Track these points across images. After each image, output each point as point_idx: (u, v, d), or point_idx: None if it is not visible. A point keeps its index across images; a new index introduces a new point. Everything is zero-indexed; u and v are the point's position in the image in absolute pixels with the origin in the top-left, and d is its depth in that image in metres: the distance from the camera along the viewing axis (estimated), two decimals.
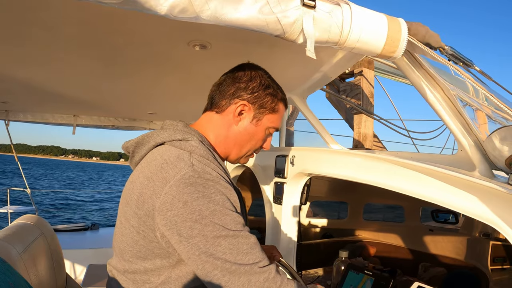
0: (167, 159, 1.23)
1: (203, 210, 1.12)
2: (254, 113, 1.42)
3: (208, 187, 1.16)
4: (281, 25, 1.08)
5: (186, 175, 1.16)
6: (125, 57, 1.91)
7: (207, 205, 1.13)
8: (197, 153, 1.26)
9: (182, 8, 0.98)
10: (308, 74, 2.13)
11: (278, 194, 2.35)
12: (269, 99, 1.43)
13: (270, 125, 1.46)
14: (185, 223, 1.13)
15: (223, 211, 1.15)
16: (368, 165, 1.73)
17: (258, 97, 1.41)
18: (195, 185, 1.15)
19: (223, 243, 1.13)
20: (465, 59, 1.43)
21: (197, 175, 1.16)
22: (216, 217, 1.13)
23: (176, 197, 1.14)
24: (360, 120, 4.06)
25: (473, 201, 1.27)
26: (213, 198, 1.15)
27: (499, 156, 1.35)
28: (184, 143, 1.28)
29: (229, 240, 1.13)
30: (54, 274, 1.94)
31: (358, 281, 1.97)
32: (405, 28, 1.27)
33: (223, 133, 1.42)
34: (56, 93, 2.80)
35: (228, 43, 1.68)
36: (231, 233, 1.14)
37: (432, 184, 1.41)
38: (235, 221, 1.16)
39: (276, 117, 1.47)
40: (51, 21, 1.46)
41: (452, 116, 1.49)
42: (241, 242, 1.15)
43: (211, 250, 1.12)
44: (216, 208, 1.14)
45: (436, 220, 4.08)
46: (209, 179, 1.17)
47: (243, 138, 1.44)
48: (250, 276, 1.13)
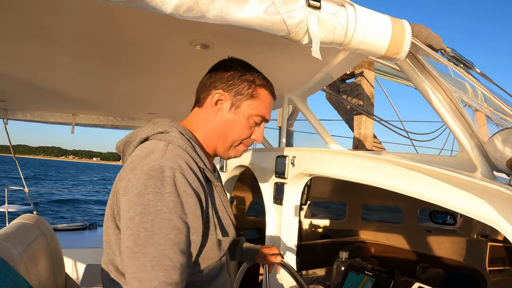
0: (144, 149, 1.23)
1: (150, 206, 1.09)
2: (231, 101, 1.40)
3: (166, 184, 1.11)
4: (286, 25, 1.08)
5: (152, 167, 1.14)
6: (125, 56, 1.91)
7: (156, 202, 1.09)
8: (175, 143, 1.24)
9: (188, 7, 0.97)
10: (310, 75, 2.13)
11: (278, 195, 2.35)
12: (246, 85, 1.41)
13: (251, 112, 1.41)
14: (129, 212, 1.10)
15: (167, 215, 1.09)
16: (368, 165, 1.73)
17: (233, 84, 1.40)
18: (155, 179, 1.11)
19: (149, 248, 1.07)
20: (466, 61, 1.43)
21: (161, 169, 1.13)
22: (158, 218, 1.08)
23: (134, 185, 1.12)
24: (360, 121, 4.07)
25: (475, 202, 1.27)
26: (165, 198, 1.10)
27: (500, 157, 1.36)
28: (164, 135, 1.27)
29: (157, 248, 1.07)
30: (54, 274, 1.93)
31: (359, 281, 1.97)
32: (409, 29, 1.27)
33: (207, 127, 1.42)
34: (55, 91, 2.80)
35: (230, 43, 1.68)
36: (162, 241, 1.08)
37: (434, 185, 1.41)
38: (176, 231, 1.10)
39: (257, 103, 1.42)
40: (50, 20, 1.46)
41: (454, 117, 1.49)
42: (168, 255, 1.08)
43: (136, 249, 1.07)
44: (162, 209, 1.09)
45: (434, 221, 4.09)
46: (170, 177, 1.13)
47: (224, 128, 1.41)
48: None
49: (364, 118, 4.02)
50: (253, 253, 1.86)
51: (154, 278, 1.05)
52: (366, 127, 4.02)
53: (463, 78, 1.34)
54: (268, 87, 1.47)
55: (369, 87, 4.04)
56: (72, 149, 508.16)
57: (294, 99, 2.48)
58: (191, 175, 1.19)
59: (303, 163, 2.17)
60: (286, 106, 2.57)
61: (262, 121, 1.46)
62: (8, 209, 8.27)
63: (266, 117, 1.46)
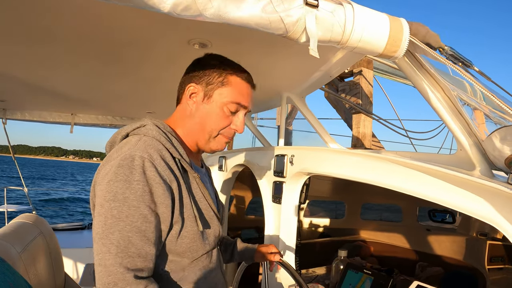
0: (121, 144, 1.27)
1: (118, 194, 1.11)
2: (203, 92, 1.41)
3: (135, 173, 1.14)
4: (284, 24, 1.08)
5: (123, 157, 1.16)
6: (124, 55, 1.91)
7: (124, 190, 1.12)
8: (149, 135, 1.27)
9: (186, 6, 0.98)
10: (308, 73, 2.13)
11: (277, 194, 2.35)
12: (216, 74, 1.40)
13: (224, 101, 1.39)
14: (100, 199, 1.14)
15: (134, 202, 1.12)
16: (367, 164, 1.73)
17: (203, 75, 1.41)
18: (124, 167, 1.14)
19: (115, 234, 1.09)
20: (464, 59, 1.43)
21: (131, 158, 1.16)
22: (125, 205, 1.11)
23: (107, 175, 1.15)
24: (359, 120, 4.07)
25: (473, 200, 1.27)
26: (133, 186, 1.13)
27: (499, 155, 1.36)
28: (141, 129, 1.31)
29: (123, 234, 1.10)
30: (53, 273, 1.93)
31: (357, 280, 1.97)
32: (407, 28, 1.27)
33: (186, 122, 1.44)
34: (54, 91, 2.79)
35: (228, 42, 1.68)
36: (128, 228, 1.10)
37: (433, 183, 1.42)
38: (142, 218, 1.13)
39: (229, 91, 1.40)
40: (48, 20, 1.46)
41: (453, 116, 1.49)
42: (133, 243, 1.11)
43: (103, 235, 1.10)
44: (130, 196, 1.12)
45: (433, 219, 4.10)
46: (139, 165, 1.15)
47: (201, 119, 1.41)
48: (118, 281, 1.08)
49: (362, 116, 4.03)
50: (251, 252, 1.86)
51: (119, 264, 1.08)
52: (364, 126, 4.03)
53: (461, 77, 1.34)
54: (241, 73, 1.45)
55: (367, 85, 4.05)
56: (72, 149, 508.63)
57: (292, 97, 2.48)
58: (161, 164, 1.20)
59: (301, 162, 2.17)
60: (285, 105, 2.57)
61: (238, 109, 1.43)
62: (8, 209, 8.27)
63: (243, 104, 1.42)
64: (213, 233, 1.39)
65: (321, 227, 4.83)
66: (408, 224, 4.17)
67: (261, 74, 2.20)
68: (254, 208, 4.92)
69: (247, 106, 1.44)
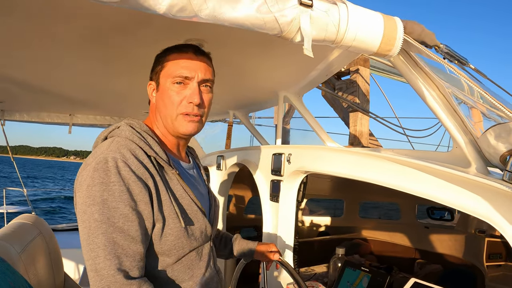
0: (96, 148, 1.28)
1: (97, 197, 1.12)
2: (155, 83, 1.45)
3: (110, 174, 1.15)
4: (278, 24, 1.09)
5: (97, 160, 1.18)
6: (121, 56, 1.91)
7: (102, 192, 1.13)
8: (122, 136, 1.28)
9: (181, 7, 0.98)
10: (304, 73, 2.14)
11: (274, 192, 2.36)
12: (158, 62, 1.45)
13: (168, 79, 1.39)
14: (81, 206, 1.15)
15: (114, 204, 1.13)
16: (364, 162, 1.74)
17: (153, 70, 1.47)
18: (100, 170, 1.15)
19: (100, 237, 1.10)
20: (460, 57, 1.44)
21: (105, 160, 1.17)
22: (106, 207, 1.12)
23: (84, 180, 1.17)
24: (356, 118, 4.08)
25: (468, 198, 1.28)
26: (111, 187, 1.14)
27: (493, 153, 1.36)
28: (115, 130, 1.32)
29: (107, 236, 1.11)
30: (53, 273, 1.94)
31: (355, 277, 1.98)
32: (401, 26, 1.28)
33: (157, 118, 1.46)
34: (52, 92, 2.80)
35: (224, 41, 1.69)
36: (111, 230, 1.11)
37: (428, 181, 1.43)
38: (124, 218, 1.14)
39: (167, 68, 1.40)
40: (47, 21, 1.46)
41: (447, 113, 1.50)
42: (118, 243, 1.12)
43: (89, 240, 1.11)
44: (109, 198, 1.13)
45: (432, 217, 4.11)
46: (113, 166, 1.16)
47: (161, 108, 1.42)
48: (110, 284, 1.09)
49: (359, 115, 4.04)
50: (250, 249, 1.87)
51: (109, 267, 1.09)
52: (361, 124, 4.04)
53: (456, 75, 1.34)
54: (180, 48, 1.43)
55: (364, 84, 4.06)
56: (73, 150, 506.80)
57: (289, 96, 2.49)
58: (135, 163, 1.21)
59: (299, 160, 2.18)
60: (282, 104, 2.58)
61: (183, 81, 1.39)
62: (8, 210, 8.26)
63: (184, 75, 1.38)
64: (199, 228, 1.38)
65: (319, 226, 4.84)
66: (407, 222, 4.19)
67: (258, 73, 2.21)
68: (253, 207, 4.93)
69: (190, 76, 1.38)
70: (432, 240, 3.87)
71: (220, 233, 1.94)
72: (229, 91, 2.67)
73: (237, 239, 1.91)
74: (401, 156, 1.58)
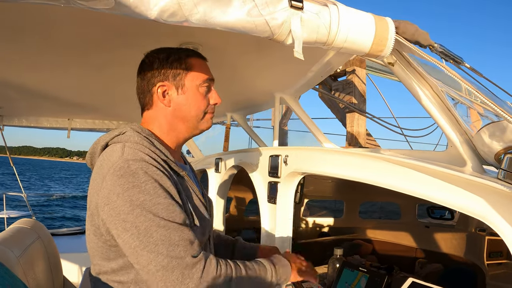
0: (105, 155, 1.27)
1: (134, 201, 1.13)
2: (175, 85, 1.43)
3: (138, 176, 1.16)
4: (269, 27, 1.10)
5: (118, 167, 1.18)
6: (119, 60, 1.92)
7: (137, 195, 1.14)
8: (131, 141, 1.28)
9: (172, 12, 0.99)
10: (300, 74, 2.15)
11: (272, 194, 2.37)
12: (177, 64, 1.43)
13: (197, 83, 1.45)
14: (119, 216, 1.14)
15: (153, 200, 1.15)
16: (360, 163, 1.74)
17: (166, 71, 1.42)
18: (126, 176, 1.16)
19: (154, 235, 1.13)
20: (455, 56, 1.44)
21: (127, 165, 1.18)
22: (147, 207, 1.14)
23: (111, 191, 1.16)
24: (353, 119, 4.09)
25: (464, 197, 1.28)
26: (144, 187, 1.15)
27: (488, 151, 1.37)
28: (120, 136, 1.32)
29: (161, 231, 1.14)
30: (52, 277, 1.95)
31: (353, 278, 1.99)
32: (393, 27, 1.29)
33: (163, 122, 1.45)
34: (50, 96, 2.80)
35: (218, 44, 1.70)
36: (162, 223, 1.14)
37: (424, 181, 1.43)
38: (168, 210, 1.17)
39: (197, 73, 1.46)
40: (44, 26, 1.47)
41: (442, 112, 1.50)
42: (173, 233, 1.15)
43: (144, 243, 1.13)
44: (146, 198, 1.14)
45: (432, 216, 4.12)
46: (138, 167, 1.18)
47: (182, 112, 1.44)
48: (183, 269, 1.13)
49: (356, 115, 4.05)
50: (253, 252, 1.86)
51: (174, 258, 1.13)
52: (358, 125, 4.05)
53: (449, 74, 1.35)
54: (194, 52, 1.50)
55: (361, 84, 4.06)
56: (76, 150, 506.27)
57: (286, 98, 2.49)
58: (155, 163, 1.24)
59: (295, 161, 2.18)
60: (278, 106, 2.58)
61: (210, 84, 1.49)
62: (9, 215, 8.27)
63: (210, 78, 1.49)
64: (207, 227, 1.44)
65: (320, 226, 4.85)
66: (407, 222, 4.19)
67: (254, 75, 2.21)
68: (253, 209, 4.93)
69: (213, 78, 1.51)
70: (433, 239, 3.87)
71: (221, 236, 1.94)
72: (225, 94, 2.66)
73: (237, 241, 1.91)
74: (397, 157, 1.58)
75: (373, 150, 1.95)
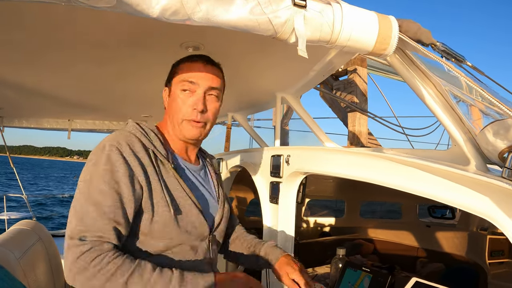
0: None
1: (86, 175, 1.27)
2: (168, 89, 1.55)
3: (102, 157, 1.27)
4: (272, 25, 1.09)
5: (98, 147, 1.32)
6: (119, 59, 1.92)
7: (92, 172, 1.26)
8: (125, 130, 1.38)
9: (174, 10, 0.98)
10: (301, 73, 2.14)
11: (274, 194, 2.36)
12: (173, 70, 1.54)
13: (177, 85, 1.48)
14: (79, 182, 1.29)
15: (96, 181, 1.24)
16: (362, 162, 1.73)
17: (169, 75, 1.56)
18: (96, 154, 1.29)
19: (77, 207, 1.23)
20: (457, 55, 1.44)
21: (103, 146, 1.30)
22: (90, 184, 1.24)
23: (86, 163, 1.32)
24: (354, 118, 4.08)
25: (468, 196, 1.28)
26: (99, 167, 1.26)
27: (492, 150, 1.36)
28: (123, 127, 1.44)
29: (83, 206, 1.22)
30: (53, 279, 1.94)
31: (356, 278, 1.98)
32: (396, 25, 1.28)
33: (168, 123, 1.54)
34: (50, 97, 2.80)
35: (220, 43, 1.69)
36: (88, 202, 1.22)
37: (427, 179, 1.42)
38: (102, 193, 1.23)
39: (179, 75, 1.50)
40: (43, 26, 1.46)
41: (445, 111, 1.49)
42: (91, 214, 1.20)
43: (71, 209, 1.24)
44: (94, 176, 1.25)
45: (433, 216, 4.11)
46: (108, 150, 1.28)
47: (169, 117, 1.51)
48: (68, 248, 1.18)
49: (358, 115, 4.04)
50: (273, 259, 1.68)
51: (71, 233, 1.20)
52: (360, 124, 4.04)
53: (453, 72, 1.34)
54: (192, 57, 1.52)
55: (362, 83, 4.06)
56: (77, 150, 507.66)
57: (287, 98, 2.48)
58: (127, 150, 1.30)
59: (297, 161, 2.17)
60: (280, 105, 2.57)
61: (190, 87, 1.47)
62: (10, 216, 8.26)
63: (191, 80, 1.47)
64: (191, 222, 1.41)
65: (321, 226, 4.84)
66: (409, 221, 4.18)
67: (255, 75, 2.21)
68: (255, 209, 4.92)
69: (197, 82, 1.47)
70: (434, 239, 3.86)
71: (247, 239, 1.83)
72: (227, 94, 2.66)
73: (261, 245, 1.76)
74: (400, 155, 1.57)
75: (375, 149, 1.94)
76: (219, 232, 1.59)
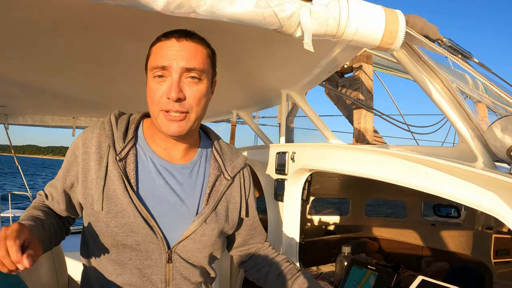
0: None
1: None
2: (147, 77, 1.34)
3: (70, 148, 1.40)
4: (278, 18, 1.08)
5: None
6: (124, 57, 1.91)
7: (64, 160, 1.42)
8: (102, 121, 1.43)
9: (179, 3, 0.97)
10: (307, 70, 2.12)
11: (279, 191, 2.35)
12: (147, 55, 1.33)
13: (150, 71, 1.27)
14: None
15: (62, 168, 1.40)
16: (369, 159, 1.72)
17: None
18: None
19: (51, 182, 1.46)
20: (464, 51, 1.42)
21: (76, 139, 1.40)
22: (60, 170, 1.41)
23: None
24: (360, 115, 4.07)
25: (475, 192, 1.26)
26: (67, 158, 1.40)
27: (500, 146, 1.34)
28: None
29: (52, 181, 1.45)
30: (56, 276, 1.94)
31: (362, 276, 1.97)
32: (403, 19, 1.26)
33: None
34: (55, 95, 2.80)
35: (224, 39, 1.67)
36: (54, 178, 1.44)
37: (435, 176, 1.40)
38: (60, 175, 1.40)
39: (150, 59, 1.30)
40: (48, 23, 1.46)
41: (453, 107, 1.48)
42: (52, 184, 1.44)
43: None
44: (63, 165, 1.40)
45: (438, 214, 4.09)
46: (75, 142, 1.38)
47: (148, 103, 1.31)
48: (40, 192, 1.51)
49: (363, 112, 4.03)
50: None
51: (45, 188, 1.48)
52: (365, 121, 4.02)
53: (461, 69, 1.33)
54: (164, 35, 1.30)
55: (368, 80, 4.04)
56: None
57: (292, 94, 2.47)
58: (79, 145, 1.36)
59: (303, 158, 2.16)
60: (285, 102, 2.56)
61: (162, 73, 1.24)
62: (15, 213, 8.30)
63: (161, 64, 1.22)
64: (128, 225, 1.26)
65: (325, 225, 4.82)
66: (413, 220, 4.16)
67: (260, 71, 2.19)
68: (260, 206, 4.91)
69: (168, 66, 1.22)
70: (439, 238, 3.84)
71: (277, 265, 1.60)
72: (231, 91, 2.65)
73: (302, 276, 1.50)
74: (406, 152, 1.56)
75: (381, 146, 1.93)
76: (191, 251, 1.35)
